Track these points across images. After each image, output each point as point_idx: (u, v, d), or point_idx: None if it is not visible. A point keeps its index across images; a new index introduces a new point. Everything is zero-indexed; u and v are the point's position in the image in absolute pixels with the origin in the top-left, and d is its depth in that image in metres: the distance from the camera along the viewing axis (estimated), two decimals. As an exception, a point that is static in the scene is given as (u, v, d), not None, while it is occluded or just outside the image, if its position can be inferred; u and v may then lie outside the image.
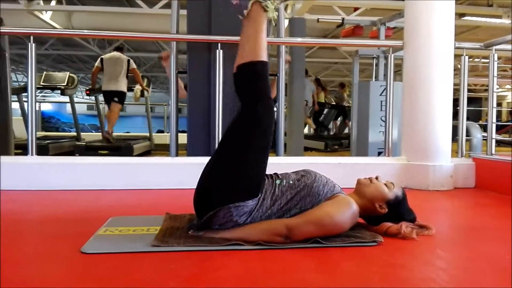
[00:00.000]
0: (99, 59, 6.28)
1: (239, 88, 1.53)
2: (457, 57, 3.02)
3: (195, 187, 1.54)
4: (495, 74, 3.03)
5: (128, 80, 6.44)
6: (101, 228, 1.63)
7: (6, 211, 2.03)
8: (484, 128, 3.29)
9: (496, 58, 3.05)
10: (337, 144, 8.63)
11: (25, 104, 7.40)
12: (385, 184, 1.60)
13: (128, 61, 6.30)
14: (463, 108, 3.10)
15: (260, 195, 1.48)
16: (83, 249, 1.37)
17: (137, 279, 1.15)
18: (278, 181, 1.53)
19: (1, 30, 3.21)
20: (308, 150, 7.87)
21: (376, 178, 1.63)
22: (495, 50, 3.02)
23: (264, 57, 1.51)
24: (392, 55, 3.19)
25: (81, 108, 16.75)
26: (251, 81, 1.50)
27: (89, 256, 1.33)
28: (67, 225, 1.75)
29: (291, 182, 1.53)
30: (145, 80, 7.62)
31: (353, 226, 1.59)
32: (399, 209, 1.60)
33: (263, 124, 1.48)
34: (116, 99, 6.22)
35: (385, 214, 1.58)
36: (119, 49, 6.48)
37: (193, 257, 1.33)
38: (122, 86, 6.25)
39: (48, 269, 1.24)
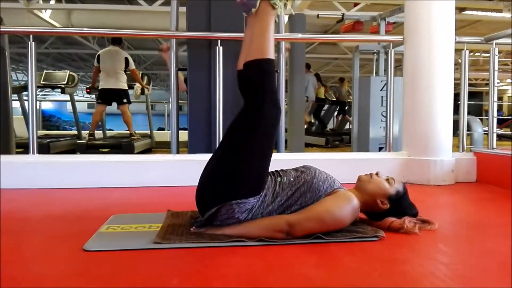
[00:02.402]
0: (96, 56, 6.12)
1: (244, 86, 1.52)
2: (457, 51, 3.01)
3: (196, 184, 1.54)
4: (496, 68, 3.02)
5: (128, 78, 6.40)
6: (103, 226, 1.63)
7: (8, 210, 2.04)
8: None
9: (497, 52, 3.04)
10: (338, 140, 8.65)
11: (26, 103, 7.41)
12: (386, 180, 1.61)
13: (127, 59, 6.11)
14: (464, 102, 3.10)
15: (262, 193, 1.48)
16: (85, 246, 1.37)
17: (140, 276, 1.16)
18: (279, 179, 1.54)
19: (1, 29, 3.21)
20: (308, 146, 7.87)
21: (377, 174, 1.63)
22: (496, 44, 3.01)
23: (271, 54, 1.49)
24: (393, 50, 3.18)
25: (81, 107, 16.75)
26: (258, 79, 1.48)
27: (91, 253, 1.34)
28: (68, 223, 1.76)
29: (291, 179, 1.53)
30: (145, 78, 7.60)
31: (355, 221, 1.60)
32: (401, 204, 1.60)
33: (269, 123, 1.47)
34: (125, 100, 6.16)
35: (388, 210, 1.58)
36: (116, 41, 6.17)
37: (195, 254, 1.33)
38: (122, 83, 6.09)
39: (51, 267, 1.24)
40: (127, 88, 6.27)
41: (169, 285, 1.11)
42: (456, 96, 3.01)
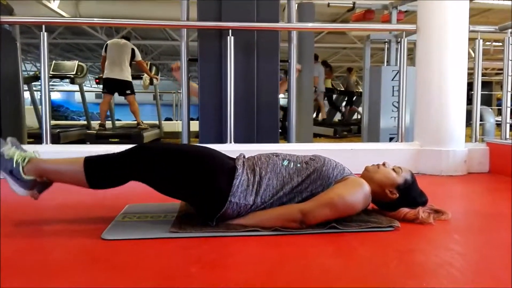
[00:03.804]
0: (104, 46, 6.16)
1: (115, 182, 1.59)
2: (470, 40, 2.97)
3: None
4: (511, 58, 2.98)
5: (136, 69, 6.41)
6: (119, 215, 1.65)
7: (24, 199, 2.06)
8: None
9: (511, 41, 2.99)
10: (346, 130, 8.61)
11: (35, 93, 7.46)
12: (393, 169, 1.60)
13: (133, 50, 6.12)
14: (477, 92, 3.07)
15: (239, 169, 1.48)
16: (103, 235, 1.39)
17: (159, 265, 1.17)
18: (285, 162, 1.53)
19: (13, 20, 3.23)
20: (317, 136, 7.84)
21: (384, 164, 1.63)
22: (510, 33, 2.97)
23: (79, 162, 1.60)
24: (405, 39, 3.15)
25: (89, 97, 16.81)
26: (106, 168, 1.57)
27: (109, 242, 1.35)
28: (84, 212, 1.78)
29: (298, 165, 1.53)
30: (153, 68, 7.61)
31: (370, 211, 1.60)
32: (410, 192, 1.60)
33: (151, 154, 1.51)
34: (128, 91, 6.16)
35: (397, 199, 1.58)
36: (126, 38, 6.34)
37: (211, 243, 1.34)
38: (127, 74, 6.08)
39: (71, 256, 1.26)
40: (131, 80, 6.24)
41: (187, 273, 1.12)
42: (468, 86, 2.98)
